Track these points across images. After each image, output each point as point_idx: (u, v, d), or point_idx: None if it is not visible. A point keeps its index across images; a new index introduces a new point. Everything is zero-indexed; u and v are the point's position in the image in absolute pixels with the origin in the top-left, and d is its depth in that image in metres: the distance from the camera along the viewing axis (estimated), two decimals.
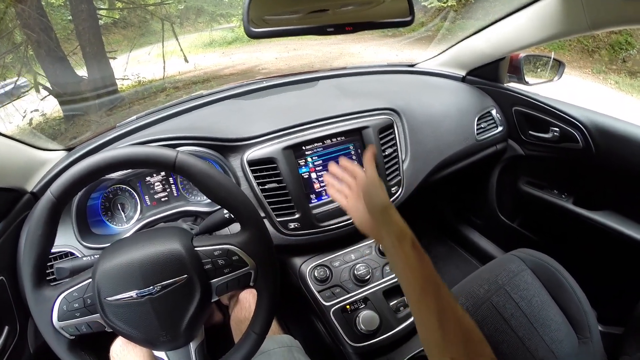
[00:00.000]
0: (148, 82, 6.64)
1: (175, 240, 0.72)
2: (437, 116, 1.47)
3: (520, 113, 1.59)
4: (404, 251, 0.75)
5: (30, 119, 5.30)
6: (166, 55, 6.86)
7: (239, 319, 1.17)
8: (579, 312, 1.16)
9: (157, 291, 0.69)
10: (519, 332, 1.10)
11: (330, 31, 0.86)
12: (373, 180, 0.86)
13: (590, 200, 1.45)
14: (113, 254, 0.71)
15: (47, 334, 0.71)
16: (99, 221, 1.12)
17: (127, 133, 1.23)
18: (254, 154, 1.12)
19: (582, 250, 1.53)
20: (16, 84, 5.43)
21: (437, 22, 8.31)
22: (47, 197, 0.67)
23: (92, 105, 5.54)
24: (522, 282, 1.20)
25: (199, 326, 0.78)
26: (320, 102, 1.36)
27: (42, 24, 5.22)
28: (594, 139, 1.35)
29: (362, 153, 1.23)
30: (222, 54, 8.67)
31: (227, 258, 0.74)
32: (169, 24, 7.11)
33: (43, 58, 5.46)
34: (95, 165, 0.68)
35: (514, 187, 1.77)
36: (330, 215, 1.18)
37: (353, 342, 1.10)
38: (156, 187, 1.17)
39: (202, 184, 0.72)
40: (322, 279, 1.18)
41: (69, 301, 0.70)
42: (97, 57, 5.77)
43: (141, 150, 0.70)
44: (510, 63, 1.62)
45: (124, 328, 0.69)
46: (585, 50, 7.62)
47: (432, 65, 1.83)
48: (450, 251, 2.13)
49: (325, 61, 7.92)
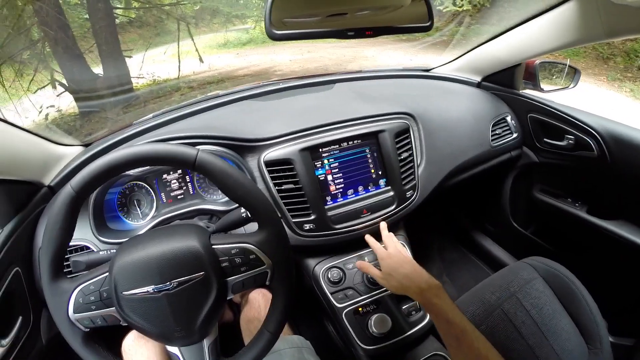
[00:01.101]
0: (163, 81, 6.65)
1: (193, 237, 0.73)
2: (452, 121, 1.47)
3: (535, 120, 1.59)
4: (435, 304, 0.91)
5: (46, 114, 5.33)
6: (181, 55, 6.87)
7: (248, 318, 1.18)
8: (590, 322, 1.15)
9: (174, 287, 0.69)
10: (529, 341, 1.10)
11: (350, 35, 0.86)
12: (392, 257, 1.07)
13: (604, 210, 1.44)
14: (131, 249, 0.71)
15: (62, 326, 0.72)
16: (115, 217, 1.13)
17: (144, 131, 1.25)
18: (271, 155, 1.13)
19: (594, 260, 1.52)
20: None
21: (451, 27, 8.26)
22: (68, 191, 0.68)
23: (107, 103, 5.57)
24: (534, 290, 1.20)
25: (214, 323, 0.78)
26: (336, 105, 1.37)
27: (59, 22, 5.26)
28: (609, 148, 1.34)
29: (377, 156, 1.24)
30: (236, 54, 8.66)
31: (244, 256, 0.74)
32: (185, 24, 7.12)
33: (60, 55, 5.50)
34: (116, 161, 0.69)
35: (527, 195, 1.76)
36: (346, 217, 1.19)
37: (364, 345, 1.10)
38: (172, 184, 1.18)
39: (221, 182, 0.73)
40: (336, 281, 1.18)
41: (86, 294, 0.71)
42: (113, 55, 5.81)
43: (162, 148, 0.71)
44: (526, 70, 1.62)
45: (140, 322, 0.70)
46: (600, 58, 7.53)
47: (447, 71, 1.83)
48: (463, 257, 2.13)
49: (339, 64, 7.89)
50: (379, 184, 1.25)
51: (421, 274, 0.99)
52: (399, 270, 1.02)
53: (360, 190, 1.22)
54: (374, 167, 1.24)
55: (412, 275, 0.99)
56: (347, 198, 1.21)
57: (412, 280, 0.98)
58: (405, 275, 1.00)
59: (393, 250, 1.09)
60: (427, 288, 0.94)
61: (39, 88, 5.55)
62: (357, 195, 1.22)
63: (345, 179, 1.20)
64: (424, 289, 0.94)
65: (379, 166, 1.24)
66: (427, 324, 1.16)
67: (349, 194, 1.21)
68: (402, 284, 1.00)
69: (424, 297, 0.93)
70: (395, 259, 1.05)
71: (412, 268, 1.01)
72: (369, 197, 1.23)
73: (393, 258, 1.06)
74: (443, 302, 0.90)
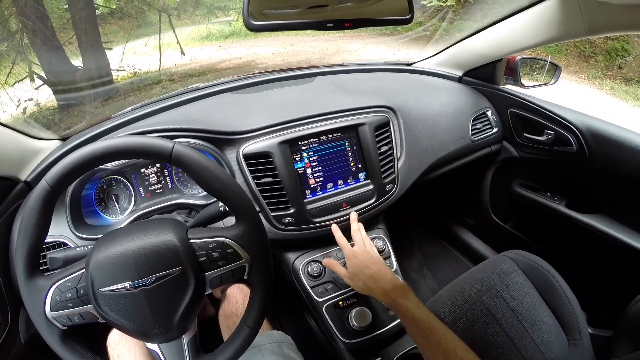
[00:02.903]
0: (144, 74, 6.57)
1: (170, 231, 0.72)
2: (433, 115, 1.47)
3: (515, 115, 1.60)
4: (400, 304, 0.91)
5: (24, 108, 5.24)
6: (163, 48, 6.80)
7: (226, 314, 1.17)
8: (569, 314, 1.17)
9: (151, 282, 0.68)
10: (509, 332, 1.10)
11: (329, 26, 0.85)
12: (356, 255, 1.07)
13: (582, 204, 1.46)
14: (107, 244, 0.70)
15: (39, 324, 0.71)
16: (93, 212, 1.11)
17: (122, 124, 1.22)
18: (249, 148, 1.12)
19: (573, 253, 1.54)
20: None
21: (434, 22, 8.30)
22: (42, 186, 0.66)
23: (87, 96, 5.48)
24: (514, 282, 1.21)
25: (192, 319, 0.77)
26: (317, 98, 1.36)
27: (38, 12, 5.15)
28: (588, 143, 1.36)
29: (357, 150, 1.23)
30: (219, 47, 8.60)
31: (222, 251, 0.74)
32: (166, 16, 7.05)
33: (38, 47, 5.39)
34: (91, 154, 0.67)
35: (507, 189, 1.78)
36: (325, 211, 1.18)
37: (345, 339, 1.10)
38: (151, 178, 1.16)
39: (198, 175, 0.72)
40: (316, 275, 1.18)
41: (62, 291, 0.69)
42: (93, 47, 5.71)
43: (138, 140, 0.70)
44: (507, 65, 1.63)
45: (117, 319, 0.69)
46: (582, 56, 7.65)
47: (429, 65, 1.83)
48: (443, 250, 2.14)
49: (322, 58, 7.88)
50: (358, 177, 1.24)
51: (385, 274, 0.99)
52: (364, 270, 1.02)
53: (339, 184, 1.22)
54: (354, 160, 1.23)
55: (377, 275, 0.99)
56: (326, 191, 1.20)
57: (377, 282, 0.98)
58: (370, 275, 1.00)
59: (360, 248, 1.08)
60: (392, 289, 0.95)
61: (17, 81, 5.47)
62: (337, 189, 1.21)
63: (324, 173, 1.20)
64: (388, 289, 0.95)
65: (358, 159, 1.24)
66: None
67: (329, 188, 1.20)
68: (367, 285, 1.00)
69: (388, 297, 0.94)
70: (361, 259, 1.05)
71: (377, 268, 1.01)
72: (349, 190, 1.22)
73: (359, 257, 1.05)
74: (408, 302, 0.90)
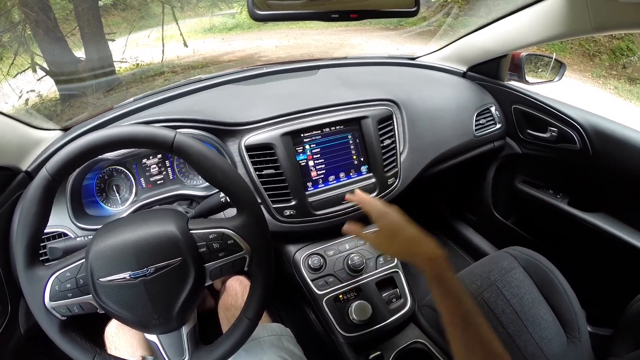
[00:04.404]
0: (146, 66, 6.56)
1: (171, 222, 0.72)
2: (436, 110, 1.46)
3: (519, 111, 1.59)
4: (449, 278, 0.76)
5: (26, 99, 5.24)
6: (165, 40, 6.78)
7: (225, 306, 1.17)
8: (569, 311, 1.17)
9: (151, 273, 0.68)
10: (509, 329, 1.11)
11: (334, 17, 0.84)
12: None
13: (585, 202, 1.46)
14: (107, 234, 0.70)
15: (38, 314, 0.70)
16: (93, 202, 1.11)
17: (124, 114, 1.22)
18: (251, 139, 1.11)
19: (574, 251, 1.54)
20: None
21: (439, 17, 8.26)
22: (43, 175, 0.66)
23: (89, 87, 5.48)
24: (514, 279, 1.21)
25: (192, 310, 0.77)
26: (320, 91, 1.35)
27: (41, 3, 5.14)
28: (591, 141, 1.35)
29: (359, 143, 1.23)
30: (222, 40, 8.56)
31: (222, 242, 0.73)
32: (170, 8, 7.03)
33: (41, 38, 5.39)
34: (92, 143, 0.67)
35: (510, 185, 1.77)
36: (326, 203, 1.18)
37: (345, 332, 1.10)
38: (152, 169, 1.16)
39: (199, 165, 0.71)
40: (316, 268, 1.18)
41: (62, 281, 0.69)
42: (95, 38, 5.70)
43: (140, 129, 0.69)
44: (512, 61, 1.62)
45: (116, 310, 0.69)
46: (587, 54, 7.61)
47: (433, 59, 1.82)
48: (444, 246, 2.13)
49: (325, 51, 7.85)
50: (360, 170, 1.24)
51: (429, 239, 0.82)
52: (401, 232, 0.85)
53: (341, 177, 1.21)
54: (356, 153, 1.23)
55: (419, 239, 0.83)
56: (328, 184, 1.20)
57: (420, 246, 0.82)
58: (411, 237, 0.83)
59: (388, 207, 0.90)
60: (439, 257, 0.78)
61: (19, 72, 5.46)
62: (339, 182, 1.21)
63: (326, 165, 1.19)
64: (434, 257, 0.78)
65: (361, 153, 1.23)
66: (407, 311, 1.16)
67: (330, 180, 1.20)
68: (407, 248, 0.83)
69: (434, 267, 0.77)
70: (395, 218, 0.87)
71: (417, 230, 0.84)
72: (351, 183, 1.22)
73: (392, 216, 0.88)
74: (454, 277, 0.76)
